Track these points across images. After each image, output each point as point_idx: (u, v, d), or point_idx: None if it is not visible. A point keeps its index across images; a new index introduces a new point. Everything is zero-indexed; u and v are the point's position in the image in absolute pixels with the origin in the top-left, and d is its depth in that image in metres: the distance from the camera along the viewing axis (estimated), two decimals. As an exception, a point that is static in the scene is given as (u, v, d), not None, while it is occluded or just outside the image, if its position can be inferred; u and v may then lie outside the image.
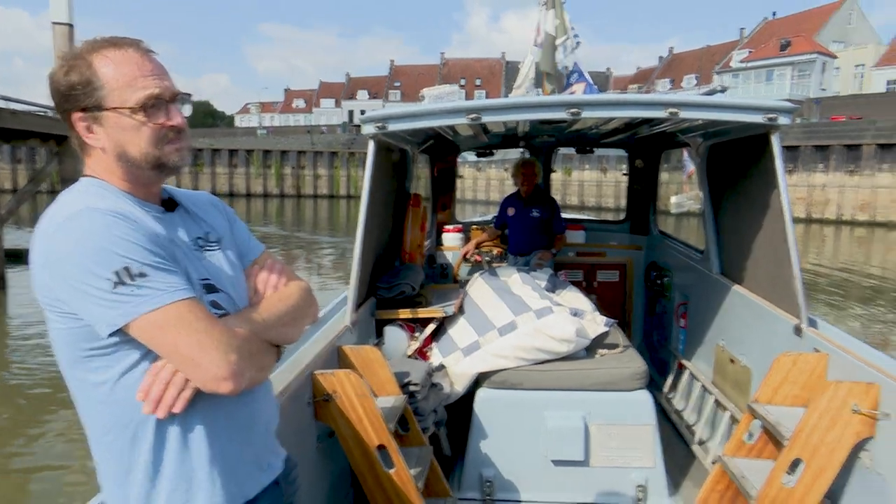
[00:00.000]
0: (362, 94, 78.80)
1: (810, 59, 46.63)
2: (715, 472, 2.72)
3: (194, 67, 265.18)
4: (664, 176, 6.01)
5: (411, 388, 2.79)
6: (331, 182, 43.32)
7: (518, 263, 5.25)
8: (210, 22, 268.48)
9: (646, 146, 5.49)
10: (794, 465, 2.30)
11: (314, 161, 43.71)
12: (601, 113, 2.79)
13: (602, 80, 69.71)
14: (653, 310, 5.38)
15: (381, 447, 2.36)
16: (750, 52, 53.13)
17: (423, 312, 3.47)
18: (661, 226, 5.75)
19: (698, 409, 3.94)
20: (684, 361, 4.33)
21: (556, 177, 41.20)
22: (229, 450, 1.23)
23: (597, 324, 3.30)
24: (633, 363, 3.13)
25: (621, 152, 6.09)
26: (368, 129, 2.88)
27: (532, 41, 4.42)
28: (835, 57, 48.97)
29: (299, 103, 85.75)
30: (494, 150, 6.31)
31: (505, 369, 3.11)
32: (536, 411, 3.06)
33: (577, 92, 4.29)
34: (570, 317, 3.16)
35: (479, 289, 3.67)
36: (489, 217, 6.32)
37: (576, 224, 6.07)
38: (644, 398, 3.04)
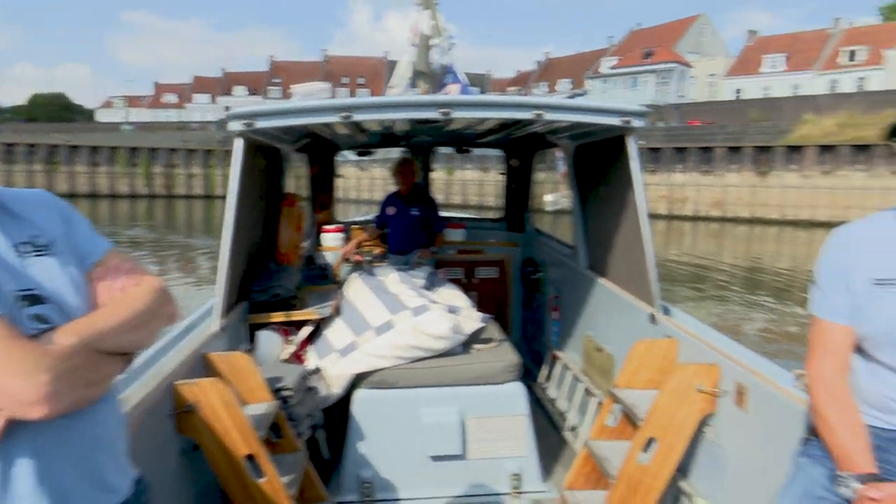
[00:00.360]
0: (240, 90, 75.84)
1: (670, 68, 50.45)
2: (581, 456, 2.87)
3: (49, 56, 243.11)
4: (540, 175, 6.25)
5: (284, 393, 2.70)
6: (206, 181, 41.22)
7: (399, 263, 5.25)
8: (67, 6, 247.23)
9: (520, 146, 5.68)
10: (649, 443, 2.46)
11: (187, 159, 41.42)
12: (471, 113, 2.85)
13: (482, 83, 71.34)
14: (529, 304, 5.58)
15: (251, 457, 2.27)
16: (618, 59, 56.56)
17: (298, 315, 3.39)
18: (536, 223, 5.97)
19: (570, 396, 4.13)
20: (557, 352, 4.53)
21: (439, 176, 41.78)
22: (59, 476, 1.11)
23: (472, 319, 3.37)
24: (506, 356, 3.22)
25: (500, 152, 6.26)
26: (235, 127, 2.75)
27: (409, 41, 4.42)
28: (691, 66, 53.28)
29: (170, 98, 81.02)
30: (374, 150, 6.28)
31: (382, 369, 3.10)
32: (413, 409, 3.08)
33: (453, 92, 4.35)
34: (446, 314, 3.20)
35: (355, 289, 3.64)
36: (371, 216, 6.28)
37: (455, 223, 6.18)
38: (517, 390, 3.14)
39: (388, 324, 3.15)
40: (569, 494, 2.83)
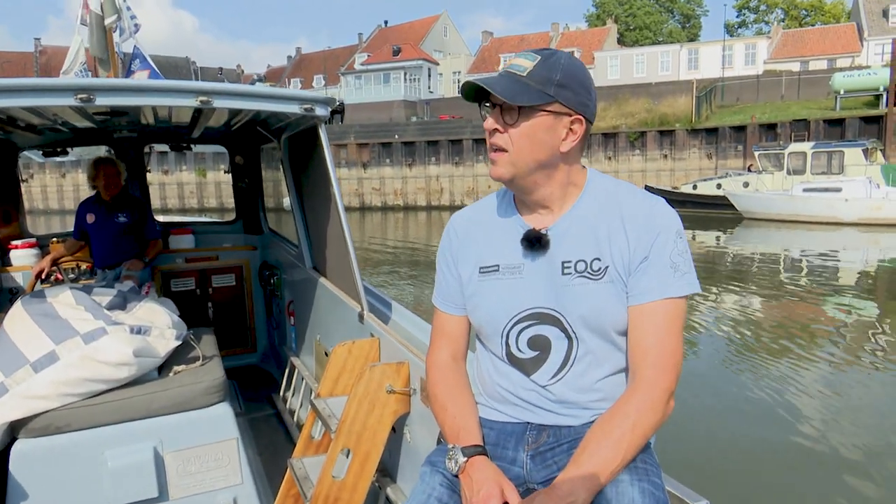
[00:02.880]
0: (-75, 86, 62.30)
1: (418, 65, 52.66)
2: (287, 477, 2.63)
3: None
4: (271, 172, 5.89)
5: None
6: None
7: (108, 277, 4.58)
8: None
9: (243, 141, 5.28)
10: (347, 454, 2.30)
11: None
12: (118, 100, 2.41)
13: (234, 77, 67.89)
14: (271, 311, 5.25)
15: None
16: (368, 55, 57.58)
17: (-80, 359, 2.64)
18: (275, 223, 5.62)
19: (307, 406, 3.91)
20: (294, 359, 4.29)
21: (189, 178, 38.73)
22: None
23: (167, 339, 2.94)
24: (209, 376, 2.86)
25: (224, 149, 5.77)
26: None
27: (78, 19, 3.78)
28: (437, 63, 56.26)
29: None
30: (69, 149, 5.40)
31: (47, 412, 2.54)
32: (94, 453, 2.57)
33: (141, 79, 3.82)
34: (128, 336, 2.72)
35: (15, 317, 2.96)
36: None
37: (182, 228, 5.58)
38: (222, 411, 2.79)
39: (51, 356, 2.58)
40: None
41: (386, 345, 2.61)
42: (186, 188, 38.27)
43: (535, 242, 1.44)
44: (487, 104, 1.41)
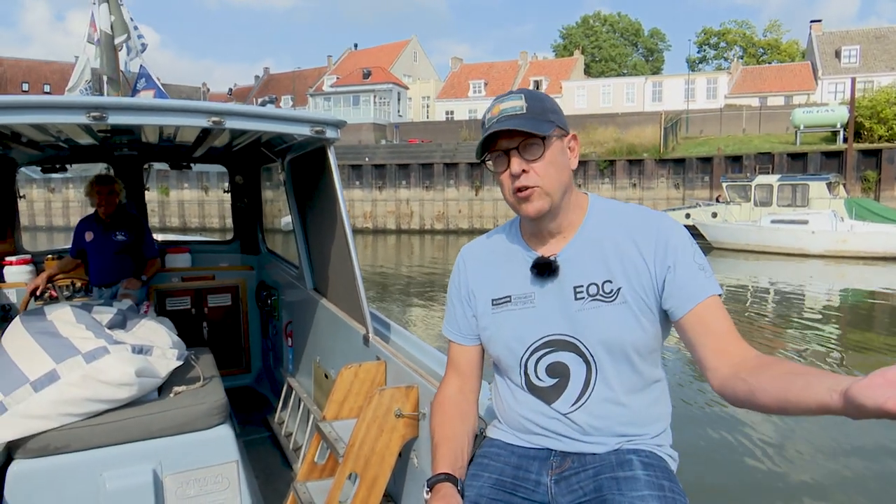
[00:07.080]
0: None
1: (388, 89, 52.99)
2: (290, 501, 2.60)
3: None
4: (270, 193, 5.90)
5: None
6: None
7: (105, 296, 4.53)
8: None
9: (244, 161, 5.29)
10: (354, 479, 2.28)
11: None
12: (132, 119, 2.39)
13: (199, 97, 67.27)
14: (267, 331, 5.23)
15: None
16: (338, 78, 57.74)
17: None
18: (272, 244, 5.61)
19: (305, 429, 3.88)
20: (292, 381, 4.27)
21: (150, 196, 37.95)
22: None
23: (168, 359, 2.89)
24: (210, 397, 2.82)
25: (224, 168, 5.76)
26: None
27: (85, 37, 3.77)
28: (407, 88, 56.72)
29: None
30: (68, 166, 5.34)
31: (46, 432, 2.47)
32: (93, 474, 2.50)
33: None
34: (130, 356, 2.67)
35: (14, 335, 2.88)
36: None
37: (179, 247, 5.55)
38: (224, 433, 2.75)
39: (52, 375, 2.51)
40: None
41: (393, 368, 2.61)
42: (147, 206, 37.52)
43: (544, 270, 1.47)
44: (496, 154, 1.47)
